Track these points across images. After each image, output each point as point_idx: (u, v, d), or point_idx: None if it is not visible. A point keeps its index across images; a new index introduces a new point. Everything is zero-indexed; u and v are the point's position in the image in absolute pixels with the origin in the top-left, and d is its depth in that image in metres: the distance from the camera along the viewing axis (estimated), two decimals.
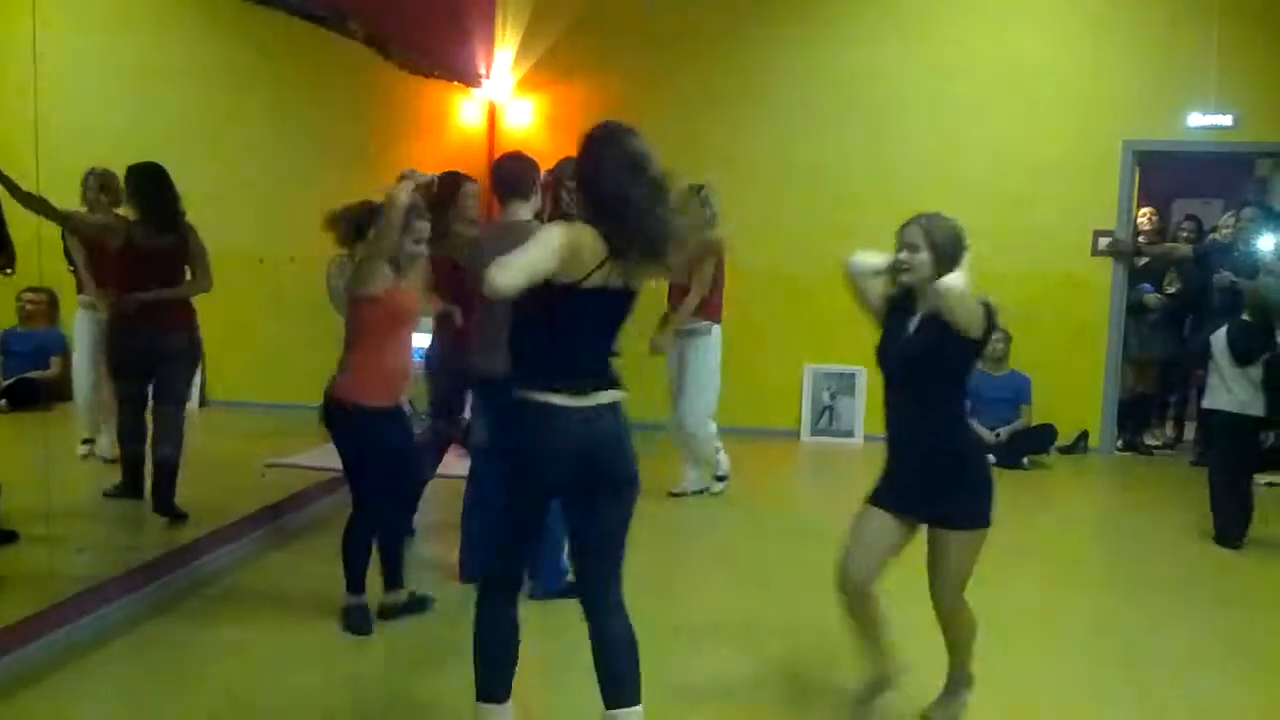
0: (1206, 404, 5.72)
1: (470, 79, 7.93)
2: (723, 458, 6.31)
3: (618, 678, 2.86)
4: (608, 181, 2.77)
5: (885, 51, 7.85)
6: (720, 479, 6.30)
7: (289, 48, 5.39)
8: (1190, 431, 8.08)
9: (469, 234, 4.73)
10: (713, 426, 6.18)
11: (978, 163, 7.77)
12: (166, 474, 4.99)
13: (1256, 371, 5.42)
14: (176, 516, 4.97)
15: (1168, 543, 5.67)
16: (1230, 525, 5.48)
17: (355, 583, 4.08)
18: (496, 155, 8.09)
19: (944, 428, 3.18)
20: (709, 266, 5.93)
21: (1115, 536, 6.14)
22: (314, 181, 6.16)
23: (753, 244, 7.20)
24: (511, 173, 4.43)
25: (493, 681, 2.92)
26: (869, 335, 3.26)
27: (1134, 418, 7.98)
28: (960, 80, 7.77)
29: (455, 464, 5.24)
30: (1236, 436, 5.53)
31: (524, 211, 4.40)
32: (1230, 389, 5.47)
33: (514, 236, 4.37)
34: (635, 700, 2.86)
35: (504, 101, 8.31)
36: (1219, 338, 5.58)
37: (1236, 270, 6.82)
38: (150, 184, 4.98)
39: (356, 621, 4.05)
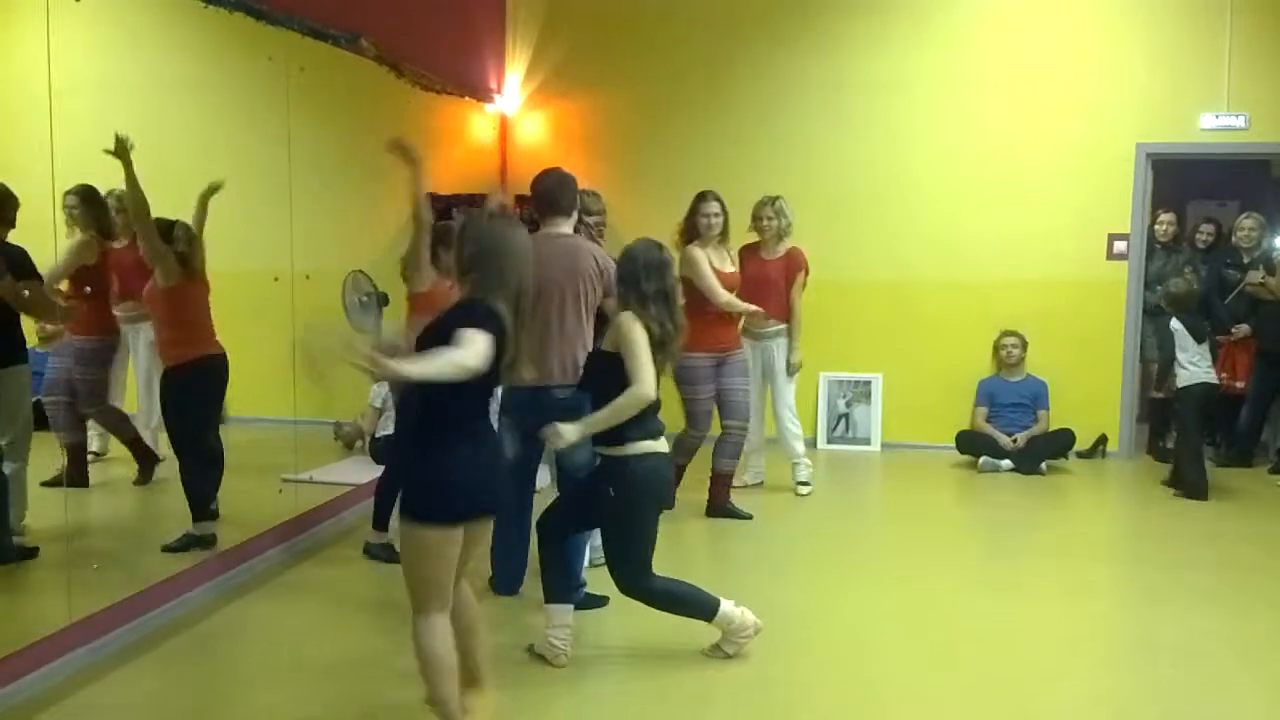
0: (1182, 384, 6.60)
1: (482, 94, 7.98)
2: (762, 464, 6.77)
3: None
4: None
5: (897, 60, 7.85)
6: (758, 484, 6.72)
7: (301, 65, 5.42)
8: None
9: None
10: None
11: (991, 168, 7.77)
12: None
13: (1207, 346, 6.63)
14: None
15: (1191, 545, 5.63)
16: (1200, 483, 6.53)
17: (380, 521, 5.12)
18: (509, 167, 8.19)
19: None
20: (801, 279, 6.43)
21: (1136, 539, 6.09)
22: (328, 198, 6.18)
23: None
24: (551, 189, 4.48)
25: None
26: (884, 343, 3.26)
27: (1152, 421, 7.92)
28: (973, 86, 7.77)
29: None
30: (1203, 405, 6.63)
31: (564, 226, 4.46)
32: (1196, 364, 6.56)
33: (546, 249, 4.40)
34: None
35: (515, 115, 8.36)
36: (1177, 327, 6.61)
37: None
38: None
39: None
